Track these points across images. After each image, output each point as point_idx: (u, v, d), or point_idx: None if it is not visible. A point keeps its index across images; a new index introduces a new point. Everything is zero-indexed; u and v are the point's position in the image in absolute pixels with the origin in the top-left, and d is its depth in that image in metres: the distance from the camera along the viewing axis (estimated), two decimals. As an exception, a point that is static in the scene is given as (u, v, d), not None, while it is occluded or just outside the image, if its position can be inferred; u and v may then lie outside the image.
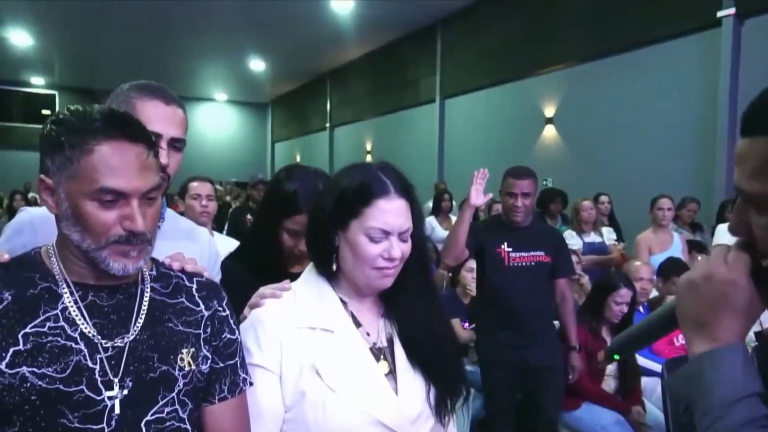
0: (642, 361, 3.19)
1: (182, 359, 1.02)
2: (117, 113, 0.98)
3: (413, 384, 1.20)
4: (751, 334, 3.34)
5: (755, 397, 0.66)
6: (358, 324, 1.22)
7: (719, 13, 6.14)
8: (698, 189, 6.04)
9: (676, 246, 4.15)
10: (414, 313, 1.24)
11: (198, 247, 1.47)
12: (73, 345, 0.93)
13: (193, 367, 1.03)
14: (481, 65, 9.75)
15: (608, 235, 4.97)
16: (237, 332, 1.13)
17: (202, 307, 1.08)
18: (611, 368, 3.09)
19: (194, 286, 1.10)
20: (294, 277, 1.30)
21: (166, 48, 12.66)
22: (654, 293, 3.46)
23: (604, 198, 5.84)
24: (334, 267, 1.21)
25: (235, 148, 18.33)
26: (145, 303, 1.02)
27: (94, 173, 0.91)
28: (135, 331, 0.99)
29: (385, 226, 1.14)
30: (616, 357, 0.94)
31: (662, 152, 6.74)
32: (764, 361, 0.83)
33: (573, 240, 4.79)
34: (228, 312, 1.12)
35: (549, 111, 8.50)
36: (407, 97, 11.88)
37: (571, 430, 3.11)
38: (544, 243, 3.01)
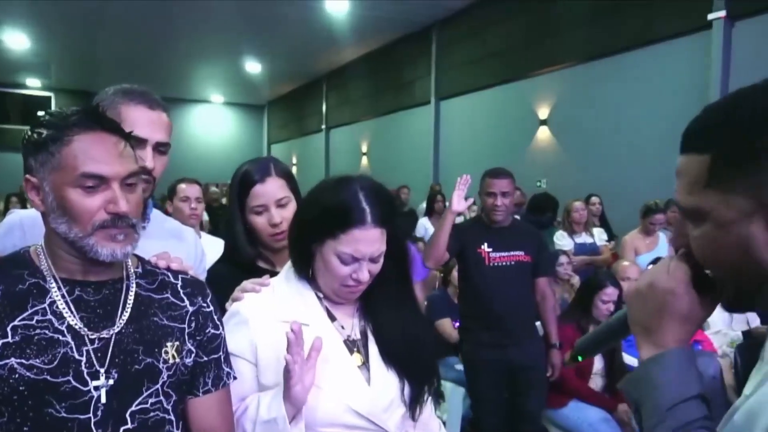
0: (628, 359, 3.23)
1: (167, 352, 1.06)
2: (92, 108, 1.04)
3: (386, 376, 1.25)
4: (739, 333, 3.37)
5: (695, 399, 0.70)
6: (332, 318, 1.28)
7: (710, 16, 6.17)
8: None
9: (662, 246, 4.19)
10: (388, 312, 1.30)
11: (184, 246, 1.51)
12: (60, 337, 0.97)
13: (177, 360, 1.07)
14: (475, 67, 9.79)
15: (599, 235, 5.02)
16: (221, 328, 1.18)
17: (187, 303, 1.13)
18: (598, 366, 3.13)
19: (179, 282, 1.15)
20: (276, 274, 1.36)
21: (163, 50, 12.68)
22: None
23: (595, 199, 5.89)
24: (310, 272, 1.28)
25: (231, 150, 18.30)
26: (131, 298, 1.06)
27: (75, 161, 0.97)
28: (120, 324, 1.03)
29: (356, 253, 1.19)
30: (580, 358, 0.98)
31: (654, 153, 6.76)
32: (747, 360, 0.87)
33: (564, 241, 4.84)
34: (212, 308, 1.17)
35: (543, 113, 8.55)
36: (403, 98, 11.92)
37: (559, 428, 3.15)
38: (524, 243, 3.05)
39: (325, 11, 10.00)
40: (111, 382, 0.99)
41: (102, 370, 0.99)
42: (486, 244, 2.99)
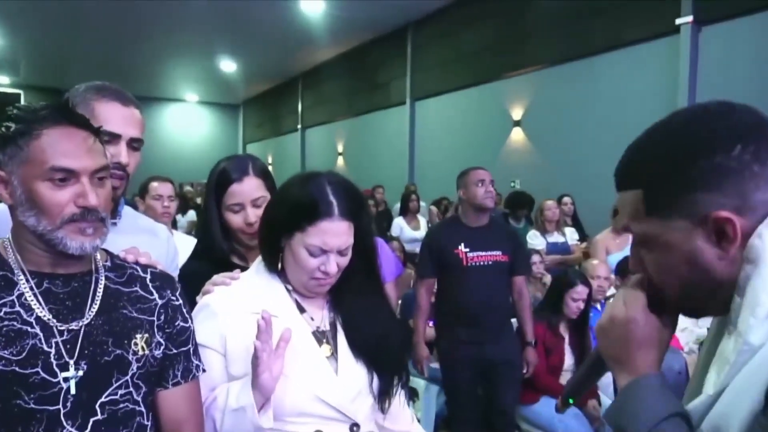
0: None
1: (136, 344, 1.07)
2: (62, 103, 1.05)
3: (354, 367, 1.28)
4: (704, 330, 3.44)
5: (674, 417, 0.74)
6: (302, 310, 1.30)
7: (678, 21, 6.31)
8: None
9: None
10: (356, 304, 1.32)
11: (157, 243, 1.52)
12: (29, 329, 0.97)
13: (147, 351, 1.08)
14: (450, 68, 9.86)
15: (571, 235, 5.11)
16: (190, 321, 1.18)
17: (156, 296, 1.13)
18: (569, 363, 3.19)
19: (148, 276, 1.15)
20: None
21: (136, 48, 12.51)
22: (612, 291, 3.57)
23: (567, 199, 5.98)
24: (279, 266, 1.30)
25: (206, 150, 18.14)
26: (100, 290, 1.07)
27: (44, 155, 0.97)
28: (90, 315, 1.03)
29: (323, 246, 1.21)
30: (571, 401, 1.04)
31: (624, 155, 6.89)
32: None
33: (537, 240, 4.91)
34: (181, 301, 1.18)
35: (516, 114, 8.64)
36: (378, 98, 11.95)
37: (530, 424, 3.20)
38: (502, 242, 3.09)
39: (301, 11, 9.98)
40: (80, 373, 0.99)
41: (71, 362, 0.99)
42: (463, 245, 3.01)
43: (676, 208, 0.75)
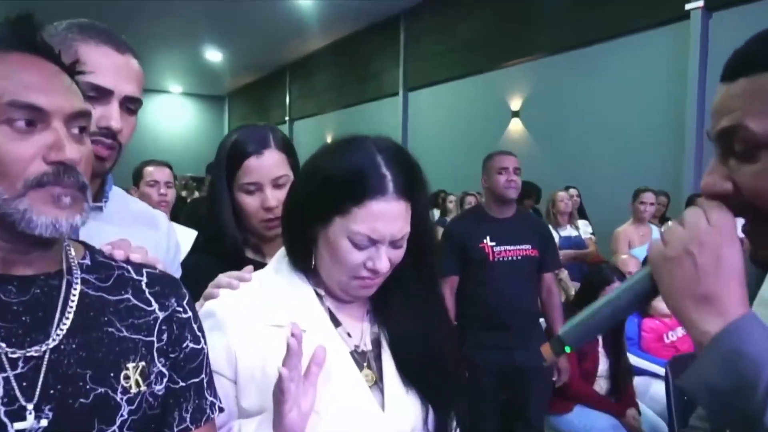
0: (634, 360, 3.03)
1: (127, 377, 0.74)
2: (26, 25, 0.70)
3: (404, 400, 0.96)
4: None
5: None
6: (336, 323, 0.99)
7: (687, 6, 6.12)
8: (666, 183, 6.00)
9: (655, 238, 4.03)
10: (408, 316, 1.00)
11: (155, 235, 1.18)
12: None
13: (143, 387, 0.75)
14: (445, 57, 9.61)
15: (584, 228, 4.86)
16: (203, 341, 0.85)
17: (156, 306, 0.80)
18: (602, 368, 2.90)
19: (144, 279, 0.82)
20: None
21: (117, 35, 12.10)
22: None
23: (573, 191, 5.73)
24: (312, 263, 0.98)
25: (190, 142, 17.79)
26: (74, 299, 0.73)
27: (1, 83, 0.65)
28: (57, 337, 0.70)
29: (373, 234, 0.91)
30: (567, 349, 0.75)
31: (630, 145, 6.70)
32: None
33: (548, 234, 4.64)
34: (191, 314, 0.84)
35: (515, 104, 8.42)
36: (370, 89, 11.66)
37: (561, 435, 2.92)
38: (530, 235, 2.81)
39: (290, -1, 9.70)
40: (44, 423, 0.67)
41: (30, 406, 0.67)
42: (488, 238, 2.74)
43: None
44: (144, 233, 1.08)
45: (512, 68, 8.41)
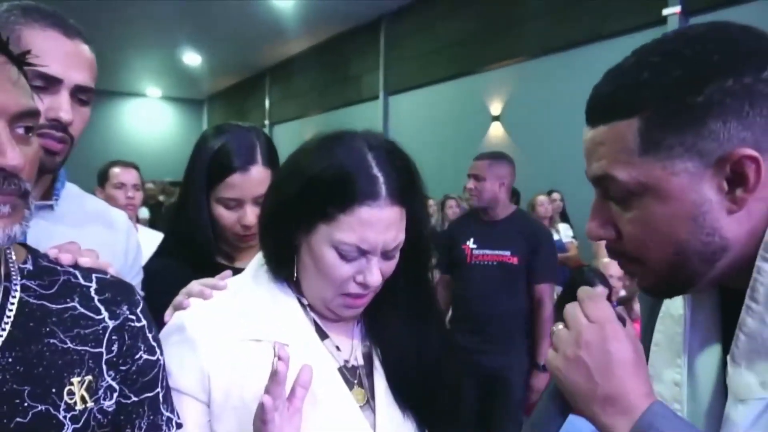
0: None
1: (71, 393, 0.67)
2: None
3: (398, 422, 0.88)
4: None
5: None
6: (323, 335, 0.90)
7: (665, 11, 6.18)
8: (647, 186, 6.03)
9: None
10: (402, 329, 0.92)
11: (112, 235, 1.10)
12: None
13: (90, 404, 0.69)
14: (426, 61, 9.61)
15: (565, 232, 4.86)
16: (158, 351, 0.78)
17: (105, 314, 0.74)
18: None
19: (93, 285, 0.75)
20: (240, 272, 0.97)
21: (94, 37, 11.77)
22: (622, 293, 3.29)
23: (556, 195, 5.73)
24: (294, 274, 0.89)
25: (169, 146, 17.57)
26: (11, 308, 0.67)
27: None
28: None
29: (362, 244, 0.82)
30: None
31: (610, 149, 6.74)
32: None
33: (529, 238, 4.63)
34: (145, 322, 0.78)
35: (495, 108, 8.43)
36: (350, 93, 11.62)
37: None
38: (514, 242, 2.74)
39: (270, 1, 9.60)
40: None
41: None
42: (471, 240, 2.73)
43: (681, 143, 0.59)
44: (99, 234, 1.01)
45: (493, 72, 8.42)
